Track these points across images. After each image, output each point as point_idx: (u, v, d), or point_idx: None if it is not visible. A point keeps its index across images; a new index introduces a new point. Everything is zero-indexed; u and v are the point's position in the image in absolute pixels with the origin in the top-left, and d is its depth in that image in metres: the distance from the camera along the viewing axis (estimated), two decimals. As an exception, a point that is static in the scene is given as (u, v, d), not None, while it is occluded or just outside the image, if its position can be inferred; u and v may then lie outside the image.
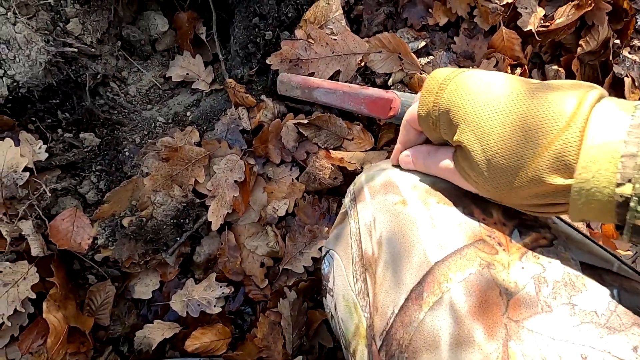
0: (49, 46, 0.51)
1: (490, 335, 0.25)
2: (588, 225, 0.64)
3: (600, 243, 0.32)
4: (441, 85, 0.28)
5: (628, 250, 0.66)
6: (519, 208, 0.28)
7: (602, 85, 0.69)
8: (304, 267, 0.60)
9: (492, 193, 0.26)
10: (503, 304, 0.26)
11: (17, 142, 0.49)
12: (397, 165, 0.37)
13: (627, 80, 0.66)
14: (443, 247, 0.29)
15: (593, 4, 0.60)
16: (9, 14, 0.48)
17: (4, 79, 0.49)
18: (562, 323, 0.24)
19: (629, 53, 0.67)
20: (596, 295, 0.25)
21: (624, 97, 0.68)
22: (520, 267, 0.27)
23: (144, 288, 0.56)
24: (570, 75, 0.67)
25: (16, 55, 0.49)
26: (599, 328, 0.24)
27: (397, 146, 0.36)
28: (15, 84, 0.50)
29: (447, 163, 0.29)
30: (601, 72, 0.68)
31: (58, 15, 0.53)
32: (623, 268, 0.29)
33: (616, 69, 0.66)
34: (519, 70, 0.64)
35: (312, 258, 0.60)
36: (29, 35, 0.50)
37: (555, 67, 0.67)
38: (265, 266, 0.60)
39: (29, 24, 0.50)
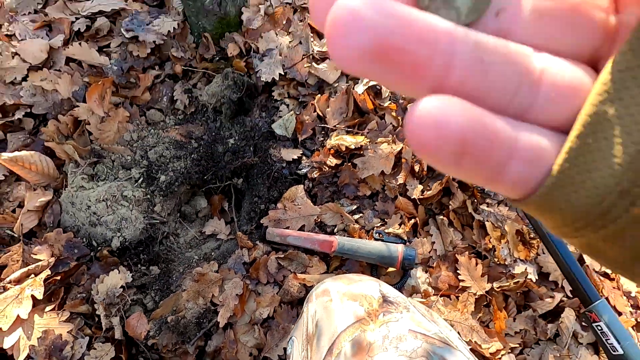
0: (144, 220, 0.97)
1: None
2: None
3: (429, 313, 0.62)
4: None
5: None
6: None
7: (472, 229, 1.08)
8: (278, 355, 0.88)
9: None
10: (366, 350, 0.58)
11: (118, 272, 0.89)
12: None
13: (488, 224, 1.05)
14: (344, 323, 0.57)
15: (447, 183, 1.05)
16: (130, 205, 0.96)
17: (119, 237, 0.93)
18: (390, 357, 0.48)
19: (486, 207, 1.08)
20: (410, 343, 0.49)
21: (489, 235, 1.05)
22: (378, 331, 0.52)
23: (171, 370, 0.85)
24: (450, 223, 1.07)
25: (128, 226, 0.94)
26: (407, 357, 0.47)
27: None
28: (124, 240, 0.94)
29: None
30: (470, 219, 1.07)
31: (151, 203, 1.00)
32: (440, 335, 0.52)
33: (477, 216, 1.05)
34: (412, 220, 1.04)
35: (284, 348, 0.88)
36: (136, 215, 0.96)
37: (441, 217, 1.08)
38: (252, 355, 0.89)
39: (137, 209, 0.97)
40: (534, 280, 1.00)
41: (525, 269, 0.99)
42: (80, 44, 1.06)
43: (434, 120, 0.11)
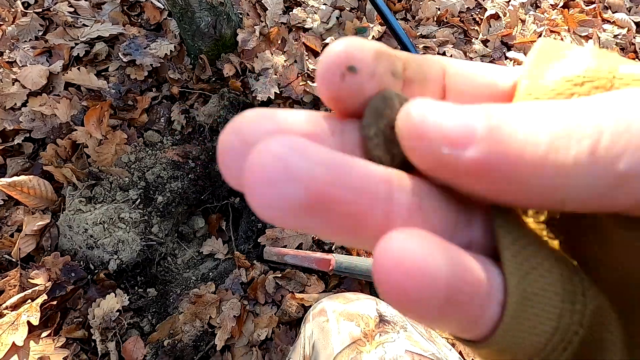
0: (141, 242, 0.97)
1: None
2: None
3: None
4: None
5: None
6: None
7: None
8: (277, 378, 0.87)
9: None
10: None
11: (114, 295, 0.89)
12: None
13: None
14: (341, 344, 0.57)
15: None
16: (127, 227, 0.96)
17: (116, 259, 0.93)
18: None
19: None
20: None
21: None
22: (374, 352, 0.51)
23: (168, 396, 0.84)
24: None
25: (125, 248, 0.95)
26: None
27: None
28: (120, 262, 0.93)
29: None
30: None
31: (149, 224, 1.01)
32: (437, 356, 0.52)
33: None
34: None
35: (282, 371, 0.87)
36: (133, 237, 0.96)
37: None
38: (250, 379, 0.87)
39: (134, 231, 0.97)
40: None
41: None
42: (79, 68, 1.08)
43: (411, 264, 0.09)
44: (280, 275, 0.98)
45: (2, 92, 1.01)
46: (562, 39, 1.49)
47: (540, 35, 1.49)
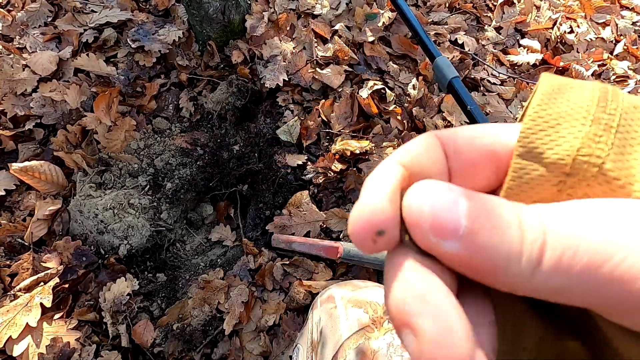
0: (151, 227, 0.97)
1: None
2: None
3: None
4: None
5: None
6: None
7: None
8: (284, 363, 0.87)
9: None
10: (371, 358, 0.57)
11: (125, 280, 0.90)
12: None
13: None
14: (349, 330, 0.57)
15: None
16: (137, 213, 0.97)
17: (126, 245, 0.94)
18: None
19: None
20: None
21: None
22: (382, 339, 0.51)
23: (178, 378, 0.85)
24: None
25: (135, 233, 0.95)
26: None
27: None
28: (130, 247, 0.94)
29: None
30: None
31: (158, 211, 1.01)
32: None
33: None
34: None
35: (289, 356, 0.87)
36: (142, 222, 0.97)
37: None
38: (258, 363, 0.88)
39: (144, 217, 0.98)
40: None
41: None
42: (88, 54, 1.08)
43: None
44: (288, 262, 0.98)
45: (12, 78, 1.01)
46: (578, 26, 1.45)
47: (555, 23, 1.45)
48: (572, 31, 1.45)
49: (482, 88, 1.29)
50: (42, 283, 0.85)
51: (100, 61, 1.08)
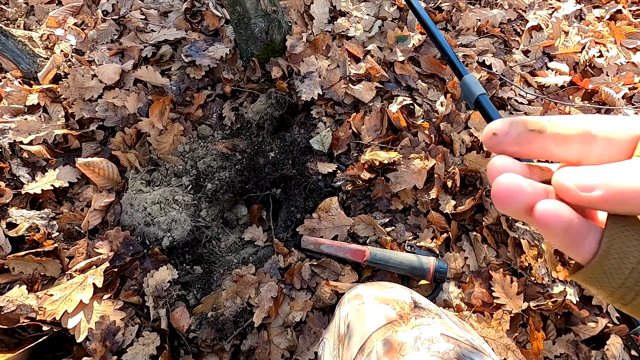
0: (191, 222, 1.06)
1: None
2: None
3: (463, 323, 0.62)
4: None
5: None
6: None
7: (506, 246, 1.06)
8: (309, 359, 0.91)
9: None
10: (398, 349, 0.60)
11: (166, 268, 0.98)
12: None
13: (524, 242, 1.03)
14: (376, 324, 0.59)
15: (480, 199, 1.06)
16: (180, 209, 1.05)
17: (169, 237, 1.02)
18: (422, 357, 0.49)
19: (522, 224, 1.07)
20: (442, 345, 0.50)
21: (525, 253, 1.03)
22: (409, 332, 0.53)
23: (208, 365, 0.90)
24: (484, 239, 1.06)
25: (177, 227, 1.04)
26: (439, 358, 0.48)
27: None
28: (172, 239, 1.03)
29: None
30: (505, 236, 1.07)
31: (198, 209, 1.10)
32: (472, 343, 0.53)
33: (512, 234, 1.05)
34: (445, 235, 1.05)
35: (315, 352, 0.91)
36: (184, 217, 1.06)
37: (475, 233, 1.08)
38: (284, 357, 0.92)
39: (186, 212, 1.06)
40: (575, 302, 0.96)
41: (564, 289, 0.96)
42: (146, 67, 1.21)
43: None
44: (316, 263, 1.03)
45: (82, 86, 1.15)
46: (607, 50, 1.48)
47: (584, 47, 1.48)
48: (601, 55, 1.47)
49: (509, 107, 1.32)
50: (94, 266, 0.94)
51: (157, 73, 1.21)
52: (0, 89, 1.16)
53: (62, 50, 1.26)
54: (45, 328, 0.83)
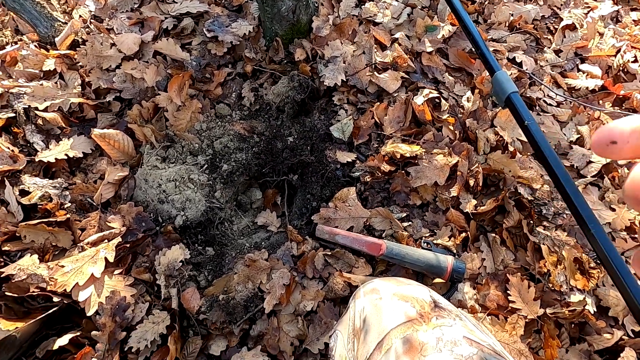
0: (206, 203, 1.03)
1: None
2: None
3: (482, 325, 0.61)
4: None
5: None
6: None
7: (525, 250, 1.04)
8: (319, 349, 0.89)
9: None
10: (419, 349, 0.58)
11: (178, 247, 0.96)
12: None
13: (544, 247, 1.01)
14: (395, 321, 0.57)
15: (503, 201, 1.03)
16: (195, 188, 1.03)
17: (182, 216, 1.00)
18: (445, 359, 0.47)
19: (543, 229, 1.04)
20: (465, 349, 0.49)
21: (544, 258, 1.01)
22: (431, 332, 0.52)
23: (217, 347, 0.89)
24: (502, 242, 1.04)
25: (191, 206, 1.01)
26: None
27: None
28: (186, 219, 1.00)
29: None
30: (525, 240, 1.04)
31: (212, 189, 1.07)
32: (494, 348, 0.51)
33: (532, 238, 1.02)
34: (463, 234, 1.03)
35: (325, 343, 0.89)
36: (199, 197, 1.03)
37: (494, 234, 1.05)
38: (293, 345, 0.90)
39: (201, 192, 1.04)
40: (592, 313, 0.94)
41: (584, 299, 0.94)
42: (167, 39, 1.17)
43: None
44: (329, 253, 1.01)
45: (101, 54, 1.12)
46: (643, 56, 1.42)
47: (618, 51, 1.43)
48: (636, 60, 1.41)
49: (537, 107, 1.28)
50: (106, 240, 0.93)
51: (177, 47, 1.17)
52: (16, 51, 1.12)
53: (80, 16, 1.22)
54: (55, 299, 0.82)
